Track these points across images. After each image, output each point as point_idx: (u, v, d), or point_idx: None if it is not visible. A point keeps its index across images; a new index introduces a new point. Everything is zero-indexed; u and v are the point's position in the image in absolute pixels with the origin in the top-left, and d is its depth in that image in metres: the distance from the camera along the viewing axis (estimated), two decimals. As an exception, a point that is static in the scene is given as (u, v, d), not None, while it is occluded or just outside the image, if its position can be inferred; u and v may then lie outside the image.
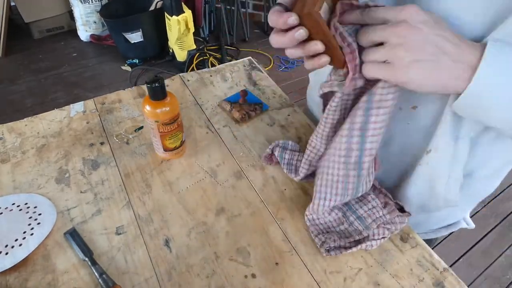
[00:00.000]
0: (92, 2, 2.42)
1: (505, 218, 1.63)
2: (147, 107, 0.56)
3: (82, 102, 0.76)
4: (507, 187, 1.74)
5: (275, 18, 0.39)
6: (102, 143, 0.68)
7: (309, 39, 0.39)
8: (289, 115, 0.75)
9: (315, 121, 0.73)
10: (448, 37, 0.36)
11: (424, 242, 0.55)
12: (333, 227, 0.55)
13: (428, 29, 0.36)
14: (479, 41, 0.38)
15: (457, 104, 0.38)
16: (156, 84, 0.54)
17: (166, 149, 0.62)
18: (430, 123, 0.49)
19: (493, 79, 0.35)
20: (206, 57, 2.35)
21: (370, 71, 0.39)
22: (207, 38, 2.63)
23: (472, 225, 0.66)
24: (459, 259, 1.48)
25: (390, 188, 0.59)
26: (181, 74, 0.86)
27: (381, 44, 0.38)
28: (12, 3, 2.55)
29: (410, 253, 0.53)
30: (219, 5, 2.55)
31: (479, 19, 0.39)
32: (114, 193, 0.59)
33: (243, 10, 2.65)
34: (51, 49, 2.53)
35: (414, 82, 0.37)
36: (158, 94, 0.55)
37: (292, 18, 0.37)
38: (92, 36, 2.57)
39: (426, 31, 0.36)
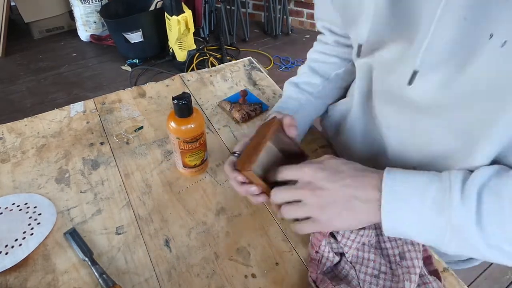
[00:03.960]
0: (92, 2, 2.42)
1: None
2: (172, 123, 0.54)
3: (82, 102, 0.76)
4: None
5: (228, 172, 0.51)
6: (102, 143, 0.68)
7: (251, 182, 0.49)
8: (289, 115, 0.75)
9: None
10: (350, 183, 0.42)
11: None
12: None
13: (332, 184, 0.43)
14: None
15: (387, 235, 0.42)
16: (183, 101, 0.52)
17: (185, 166, 0.60)
18: None
19: (396, 213, 0.40)
20: (206, 57, 2.35)
21: (302, 230, 0.47)
22: (207, 38, 2.63)
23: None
24: (459, 259, 1.48)
25: None
26: (181, 74, 0.86)
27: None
28: (12, 3, 2.55)
29: (410, 253, 0.53)
30: (219, 5, 2.55)
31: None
32: (114, 193, 0.59)
33: (243, 10, 2.65)
34: (51, 49, 2.53)
35: (342, 227, 0.45)
36: (183, 111, 0.53)
37: (239, 179, 0.49)
38: (92, 36, 2.57)
39: (331, 188, 0.42)
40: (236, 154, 0.53)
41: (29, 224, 0.53)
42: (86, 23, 2.51)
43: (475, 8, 0.33)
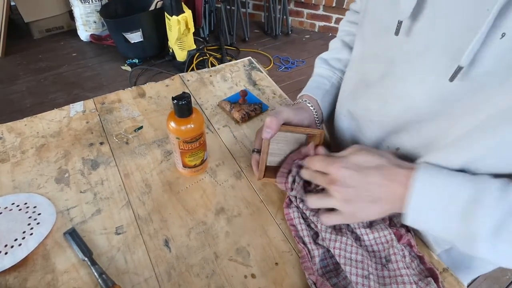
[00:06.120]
0: (92, 2, 2.42)
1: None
2: (172, 123, 0.54)
3: (82, 102, 0.76)
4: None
5: (254, 171, 0.58)
6: (101, 143, 0.68)
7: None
8: (289, 115, 0.75)
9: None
10: (375, 180, 0.43)
11: (423, 242, 0.55)
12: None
13: (357, 182, 0.44)
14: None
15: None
16: (183, 101, 0.51)
17: (185, 166, 0.60)
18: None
19: (421, 212, 0.41)
20: (206, 57, 2.35)
21: (328, 222, 0.49)
22: (207, 38, 2.63)
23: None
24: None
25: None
26: (181, 74, 0.86)
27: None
28: (12, 3, 2.55)
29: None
30: (219, 5, 2.55)
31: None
32: (114, 193, 0.59)
33: (243, 10, 2.65)
34: (50, 49, 2.53)
35: (366, 219, 0.49)
36: (183, 111, 0.53)
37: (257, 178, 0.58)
38: (92, 36, 2.57)
39: (357, 186, 0.44)
40: (257, 150, 0.58)
41: (29, 224, 0.53)
42: (86, 23, 2.51)
43: None
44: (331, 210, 0.48)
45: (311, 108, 0.61)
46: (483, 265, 0.59)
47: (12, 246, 0.50)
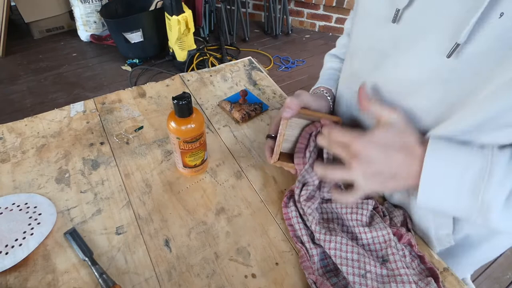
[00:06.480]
0: (92, 2, 2.42)
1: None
2: (172, 123, 0.54)
3: (82, 102, 0.76)
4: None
5: (267, 157, 0.57)
6: (102, 143, 0.68)
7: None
8: (289, 115, 0.75)
9: None
10: (399, 159, 0.43)
11: (424, 242, 0.55)
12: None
13: (380, 159, 0.43)
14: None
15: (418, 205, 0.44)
16: (183, 101, 0.52)
17: (185, 166, 0.60)
18: None
19: (433, 189, 0.41)
20: (206, 57, 2.35)
21: (346, 200, 0.49)
22: (207, 38, 2.63)
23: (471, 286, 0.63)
24: (459, 259, 1.47)
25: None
26: (181, 74, 0.86)
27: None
28: (12, 3, 2.55)
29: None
30: (219, 5, 2.55)
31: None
32: (114, 193, 0.59)
33: (243, 10, 2.65)
34: (51, 49, 2.53)
35: (383, 191, 0.53)
36: (184, 111, 0.53)
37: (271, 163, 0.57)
38: (92, 36, 2.57)
39: (380, 163, 0.43)
40: (272, 136, 0.57)
41: (29, 224, 0.53)
42: (86, 23, 2.51)
43: None
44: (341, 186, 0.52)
45: (328, 98, 0.62)
46: (484, 257, 0.60)
47: (12, 246, 0.51)
